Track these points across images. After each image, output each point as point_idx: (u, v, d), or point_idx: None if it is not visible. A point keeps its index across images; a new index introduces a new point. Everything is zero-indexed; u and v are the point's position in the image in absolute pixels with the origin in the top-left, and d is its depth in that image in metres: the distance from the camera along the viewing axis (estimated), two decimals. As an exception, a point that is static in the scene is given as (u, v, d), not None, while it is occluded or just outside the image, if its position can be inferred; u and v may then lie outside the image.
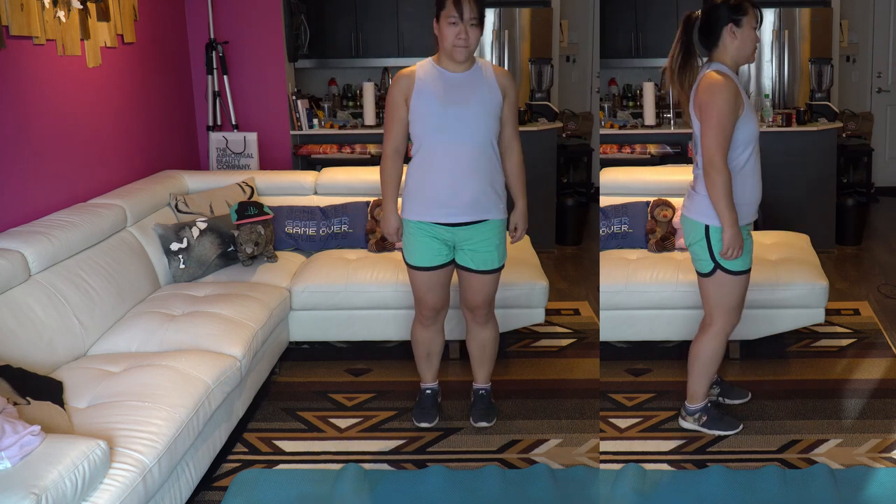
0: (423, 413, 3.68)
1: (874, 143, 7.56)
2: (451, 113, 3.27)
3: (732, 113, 3.16)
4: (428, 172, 3.33)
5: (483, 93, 3.30)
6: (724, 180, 3.16)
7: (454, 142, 3.28)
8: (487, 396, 3.73)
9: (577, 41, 7.85)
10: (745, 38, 3.25)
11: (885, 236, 6.61)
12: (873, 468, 3.23)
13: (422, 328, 3.61)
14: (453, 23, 3.20)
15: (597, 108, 7.51)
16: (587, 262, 6.12)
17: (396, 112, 3.35)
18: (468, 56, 3.27)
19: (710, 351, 3.43)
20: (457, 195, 3.31)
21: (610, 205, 4.63)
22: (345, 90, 7.49)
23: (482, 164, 3.32)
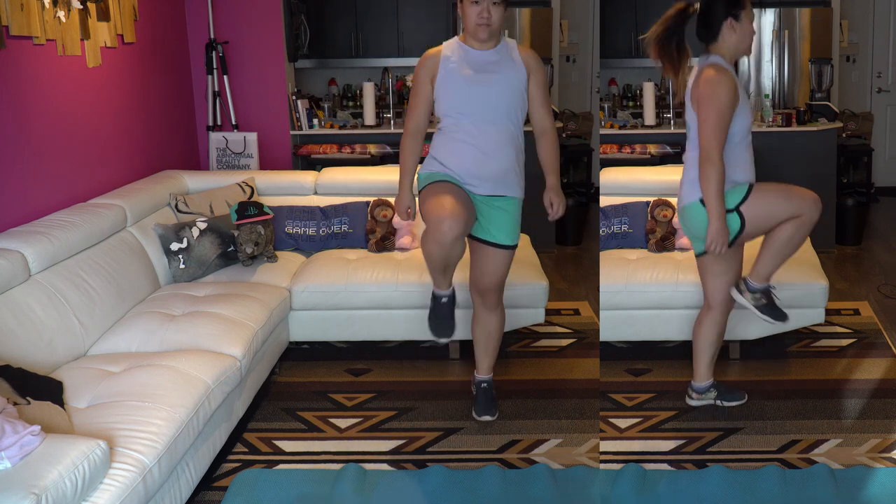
0: (441, 325, 3.52)
1: (874, 143, 7.56)
2: (476, 91, 3.29)
3: (731, 106, 3.25)
4: (452, 148, 3.35)
5: (508, 71, 3.32)
6: (718, 174, 3.23)
7: (479, 119, 3.31)
8: (489, 389, 3.73)
9: (577, 41, 7.85)
10: (744, 32, 3.33)
11: (885, 236, 6.61)
12: (873, 468, 3.23)
13: (437, 246, 3.18)
14: (476, 2, 3.22)
15: (597, 108, 7.51)
16: (587, 262, 6.12)
17: (422, 90, 3.37)
18: (491, 35, 3.29)
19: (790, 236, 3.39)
20: (481, 170, 3.34)
21: (610, 205, 4.63)
22: (345, 90, 7.49)
23: (506, 142, 3.34)
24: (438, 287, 3.48)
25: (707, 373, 3.66)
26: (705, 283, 3.61)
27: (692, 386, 3.72)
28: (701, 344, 3.64)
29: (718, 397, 3.73)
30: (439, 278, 3.42)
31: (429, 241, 3.21)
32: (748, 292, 3.54)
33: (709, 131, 3.23)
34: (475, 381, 3.77)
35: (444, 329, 3.53)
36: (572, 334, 4.67)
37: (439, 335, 3.55)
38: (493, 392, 3.74)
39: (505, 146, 3.35)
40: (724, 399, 3.73)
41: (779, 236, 3.40)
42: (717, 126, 3.23)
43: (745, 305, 3.54)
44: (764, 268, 3.49)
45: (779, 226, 3.40)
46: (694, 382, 3.71)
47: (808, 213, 3.35)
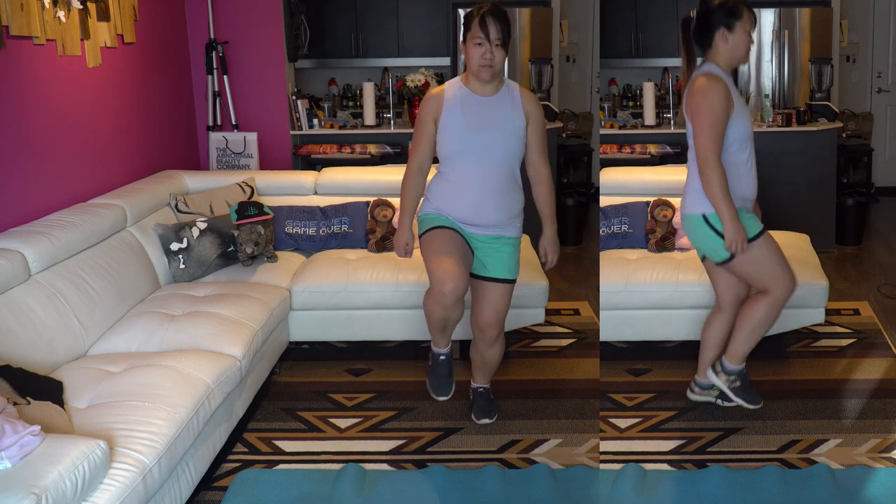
0: (440, 384, 3.60)
1: (874, 143, 7.56)
2: (477, 137, 3.30)
3: (724, 113, 3.24)
4: (452, 190, 3.37)
5: (508, 117, 3.33)
6: (720, 177, 3.23)
7: (479, 164, 3.31)
8: (487, 393, 3.73)
9: (577, 41, 7.85)
10: (738, 42, 3.31)
11: (885, 236, 6.61)
12: (873, 468, 3.23)
13: (439, 307, 3.29)
14: (479, 44, 3.23)
15: (597, 108, 7.51)
16: (587, 262, 6.12)
17: (425, 130, 3.38)
18: (494, 76, 3.30)
19: (764, 316, 3.43)
20: (478, 216, 3.36)
21: (610, 205, 4.63)
22: (345, 90, 7.50)
23: (506, 187, 3.36)
24: (437, 345, 3.58)
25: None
26: (715, 285, 3.63)
27: (695, 380, 3.72)
28: (709, 342, 3.65)
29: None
30: (438, 337, 3.52)
31: (430, 301, 3.31)
32: (723, 373, 3.57)
33: (703, 138, 3.24)
34: (472, 387, 3.77)
35: (443, 388, 3.60)
36: (572, 334, 4.67)
37: (438, 394, 3.61)
38: (490, 396, 3.74)
39: (504, 192, 3.35)
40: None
41: (752, 316, 3.43)
42: (711, 132, 3.23)
43: (720, 387, 3.58)
44: (739, 349, 3.52)
45: (751, 304, 3.44)
46: (697, 377, 3.71)
47: (782, 293, 3.39)
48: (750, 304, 3.47)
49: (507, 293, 3.46)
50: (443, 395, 3.61)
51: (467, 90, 3.35)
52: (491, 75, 3.28)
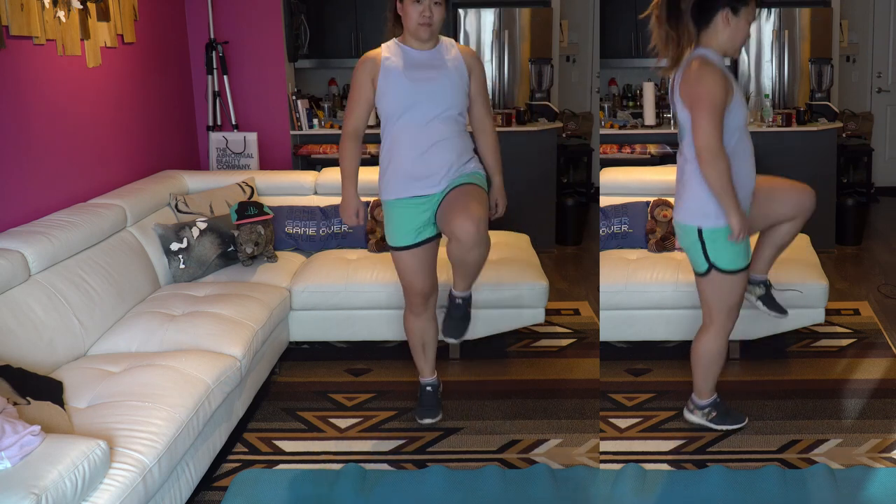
0: (426, 410, 3.68)
1: (874, 143, 7.56)
2: (420, 89, 3.29)
3: (724, 99, 3.09)
4: (399, 150, 3.35)
5: (449, 69, 3.33)
6: (725, 166, 3.07)
7: (424, 117, 3.30)
8: (465, 305, 3.53)
9: (577, 41, 7.85)
10: (738, 28, 3.15)
11: (885, 236, 6.61)
12: (873, 468, 3.23)
13: (413, 317, 3.58)
14: (417, 1, 3.23)
15: (597, 108, 7.51)
16: (587, 262, 6.12)
17: (362, 93, 3.36)
18: (432, 35, 3.30)
19: (712, 350, 3.42)
20: (429, 167, 3.33)
21: (610, 205, 4.63)
22: (345, 90, 7.48)
23: (452, 137, 3.34)
24: (422, 374, 3.74)
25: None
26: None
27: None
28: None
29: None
30: (420, 360, 3.70)
31: (406, 314, 3.59)
32: (697, 410, 3.56)
33: (705, 125, 3.06)
34: (450, 295, 3.55)
35: (429, 413, 3.68)
36: (572, 334, 4.67)
37: (423, 417, 3.67)
38: (468, 309, 3.55)
39: (451, 138, 3.34)
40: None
41: (705, 353, 3.42)
42: (713, 118, 3.05)
43: (701, 423, 3.55)
44: (701, 385, 3.51)
45: (700, 342, 3.42)
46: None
47: (724, 325, 3.38)
48: (697, 343, 3.43)
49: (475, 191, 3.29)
50: (428, 418, 3.67)
51: (405, 47, 3.35)
52: (430, 34, 3.27)
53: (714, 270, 3.28)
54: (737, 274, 3.29)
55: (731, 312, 3.38)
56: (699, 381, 3.51)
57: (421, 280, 3.47)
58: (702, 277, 3.35)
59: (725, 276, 3.28)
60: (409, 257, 3.43)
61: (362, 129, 3.43)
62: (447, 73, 3.32)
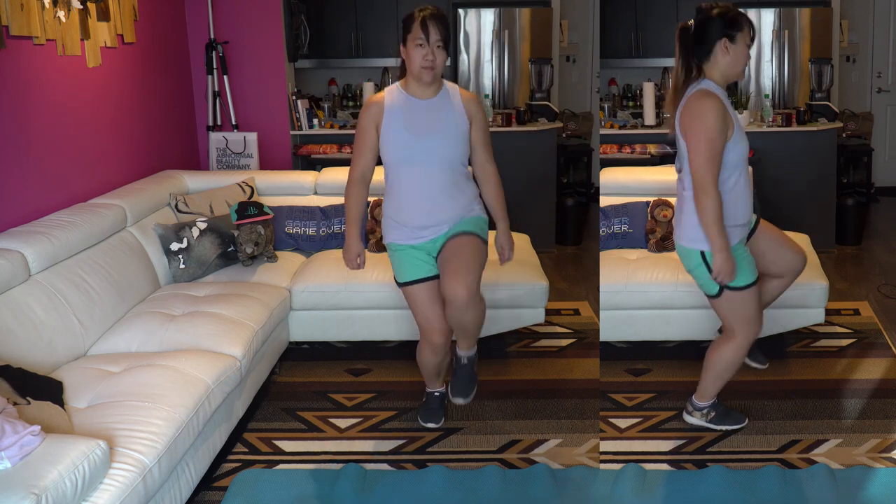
0: (430, 414, 3.67)
1: (874, 143, 7.56)
2: (420, 142, 3.29)
3: (721, 134, 3.08)
4: (403, 201, 3.36)
5: (450, 119, 3.32)
6: (715, 205, 3.08)
7: (424, 169, 3.30)
8: (470, 366, 3.63)
9: (577, 41, 7.85)
10: (738, 55, 3.16)
11: (885, 236, 6.61)
12: (873, 468, 3.23)
13: (432, 355, 3.48)
14: (420, 45, 3.23)
15: (597, 108, 7.51)
16: (587, 262, 6.12)
17: (367, 139, 3.36)
18: (435, 78, 3.29)
19: (730, 360, 3.40)
20: (433, 219, 3.34)
21: (610, 205, 4.63)
22: (345, 90, 7.49)
23: (454, 189, 3.34)
24: (431, 386, 3.72)
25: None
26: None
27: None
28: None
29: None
30: (432, 380, 3.67)
31: (424, 350, 3.48)
32: (696, 412, 3.55)
33: (700, 162, 3.07)
34: (455, 356, 3.65)
35: (434, 418, 3.66)
36: (572, 334, 4.67)
37: (426, 421, 3.65)
38: (473, 369, 3.64)
39: (454, 192, 3.34)
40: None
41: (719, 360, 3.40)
42: (709, 155, 3.06)
43: (700, 424, 3.54)
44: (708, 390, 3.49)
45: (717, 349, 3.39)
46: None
47: (747, 338, 3.35)
48: (716, 348, 3.41)
49: (472, 246, 3.33)
50: (432, 422, 3.65)
51: (407, 95, 3.33)
52: (432, 77, 3.27)
53: (726, 290, 3.26)
54: (749, 288, 3.26)
55: (752, 323, 3.34)
56: (707, 384, 3.49)
57: (438, 313, 3.38)
58: (714, 299, 3.32)
59: (738, 292, 3.26)
60: (423, 291, 3.38)
61: (369, 175, 3.43)
62: (448, 126, 3.31)
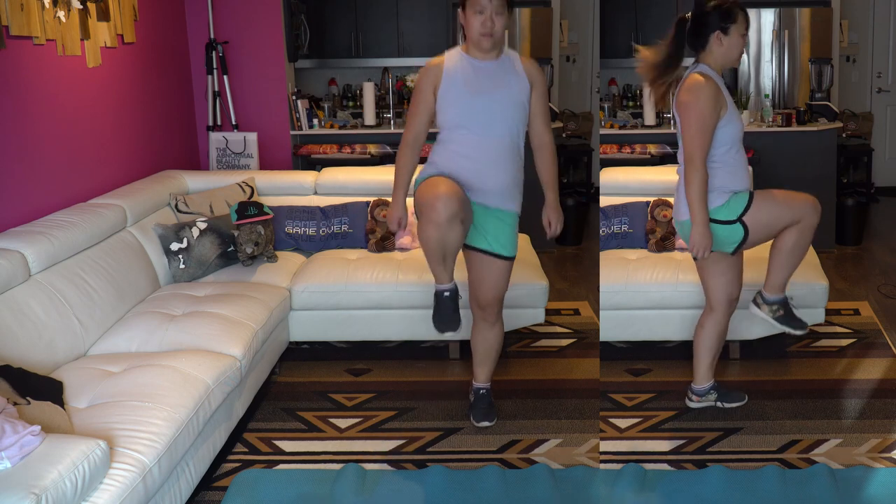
0: (447, 319, 3.34)
1: (874, 143, 7.56)
2: (480, 102, 3.27)
3: (713, 113, 3.26)
4: (453, 159, 3.32)
5: (511, 83, 3.31)
6: (701, 179, 3.26)
7: (482, 131, 3.29)
8: (488, 395, 3.73)
9: (577, 41, 7.85)
10: (732, 45, 3.34)
11: (885, 236, 6.62)
12: (873, 468, 3.23)
13: (434, 227, 3.12)
14: (479, 11, 3.20)
15: (597, 108, 7.51)
16: (587, 262, 6.12)
17: (423, 101, 3.33)
18: (495, 45, 3.27)
19: (796, 241, 3.45)
20: (482, 183, 3.32)
21: (610, 205, 4.63)
22: (345, 90, 7.49)
23: (508, 156, 3.33)
24: (440, 281, 3.32)
25: (708, 375, 3.67)
26: (706, 284, 3.61)
27: (692, 388, 3.72)
28: (702, 346, 3.64)
29: (718, 399, 3.72)
30: (439, 270, 3.27)
31: (424, 223, 3.16)
32: (765, 305, 3.58)
33: (690, 137, 3.26)
34: (473, 388, 3.76)
35: (449, 324, 3.34)
36: (572, 334, 4.67)
37: (443, 330, 3.35)
38: (490, 398, 3.74)
39: (506, 160, 3.33)
40: (724, 400, 3.72)
41: (784, 246, 3.45)
42: (699, 132, 3.24)
43: (765, 318, 3.59)
44: (776, 279, 3.53)
45: (781, 235, 3.44)
46: (694, 385, 3.71)
47: (809, 217, 3.40)
48: (782, 235, 3.46)
49: (506, 270, 3.47)
50: (450, 329, 3.34)
51: (468, 57, 3.32)
52: (492, 44, 3.25)
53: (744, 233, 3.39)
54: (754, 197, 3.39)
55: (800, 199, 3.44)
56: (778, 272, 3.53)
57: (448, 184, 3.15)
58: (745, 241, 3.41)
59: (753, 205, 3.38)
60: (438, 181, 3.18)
61: (423, 139, 3.40)
62: (508, 90, 3.29)
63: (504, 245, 3.43)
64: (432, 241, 3.15)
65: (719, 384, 3.76)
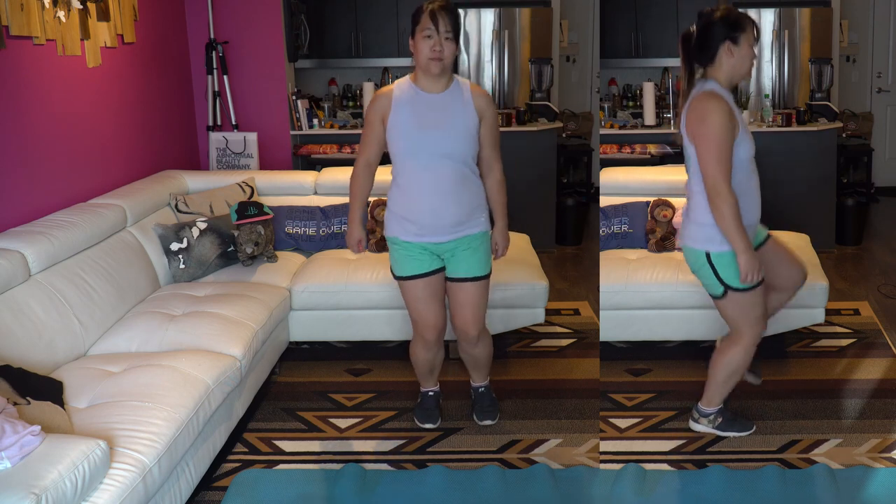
0: (427, 414, 3.68)
1: (874, 143, 7.56)
2: (427, 137, 3.25)
3: (729, 134, 3.05)
4: (408, 196, 3.32)
5: (459, 115, 3.28)
6: (732, 206, 3.05)
7: (431, 165, 3.26)
8: (488, 392, 3.73)
9: (577, 41, 7.85)
10: (743, 56, 3.13)
11: (885, 236, 6.62)
12: (873, 468, 3.23)
13: (425, 351, 3.54)
14: (428, 36, 3.18)
15: (597, 108, 7.51)
16: (587, 262, 6.12)
17: (373, 131, 3.35)
18: (443, 70, 3.24)
19: (737, 363, 3.37)
20: (438, 218, 3.30)
21: (610, 205, 4.63)
22: (345, 90, 7.49)
23: (461, 186, 3.30)
24: (426, 386, 3.73)
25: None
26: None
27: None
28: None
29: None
30: (426, 378, 3.70)
31: (416, 346, 3.56)
32: (703, 418, 3.51)
33: (712, 165, 3.04)
34: (472, 387, 3.76)
35: (430, 418, 3.67)
36: (572, 334, 4.67)
37: (423, 422, 3.66)
38: (492, 395, 3.74)
39: (460, 189, 3.30)
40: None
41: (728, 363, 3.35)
42: (720, 157, 3.03)
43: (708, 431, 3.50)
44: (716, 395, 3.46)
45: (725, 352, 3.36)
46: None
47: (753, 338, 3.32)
48: (722, 353, 3.38)
49: (480, 290, 3.44)
50: (429, 423, 3.65)
51: (416, 88, 3.30)
52: (440, 69, 3.23)
53: (731, 291, 3.23)
54: (754, 290, 3.23)
55: (758, 323, 3.31)
56: (714, 390, 3.45)
57: (432, 312, 3.42)
58: (720, 300, 3.29)
59: (743, 293, 3.23)
60: (418, 288, 3.39)
61: (375, 164, 3.44)
62: (456, 124, 3.27)
63: (474, 267, 3.40)
64: (422, 362, 3.61)
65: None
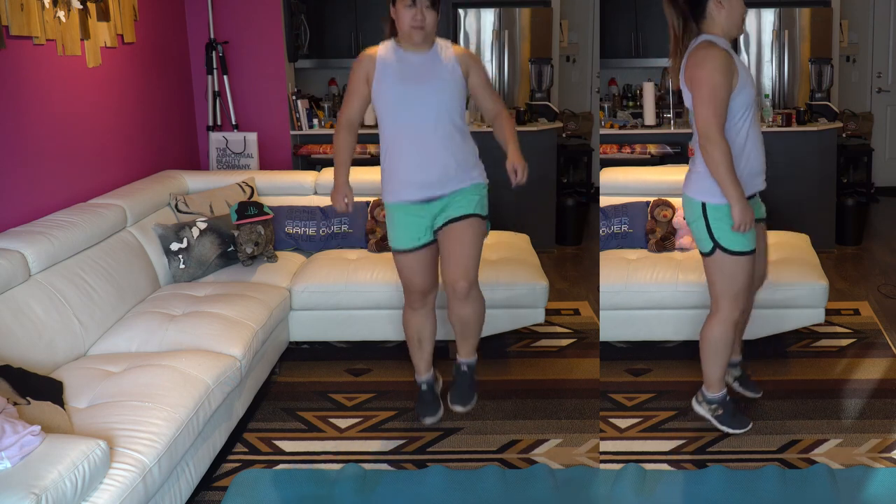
0: (426, 408, 3.67)
1: (874, 143, 7.56)
2: (411, 92, 3.32)
3: (726, 83, 3.05)
4: (396, 154, 3.40)
5: (442, 71, 3.35)
6: (723, 153, 3.05)
7: (416, 121, 3.34)
8: (470, 374, 3.67)
9: (577, 41, 7.85)
10: (733, 8, 3.14)
11: (885, 236, 6.61)
12: (873, 468, 3.23)
13: (411, 312, 3.61)
14: (409, 5, 3.25)
15: (597, 108, 7.51)
16: (587, 262, 6.12)
17: (357, 89, 3.43)
18: (425, 38, 3.32)
19: (717, 337, 3.37)
20: (426, 173, 3.36)
21: (610, 205, 4.63)
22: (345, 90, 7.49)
23: (448, 141, 3.35)
24: (418, 373, 3.73)
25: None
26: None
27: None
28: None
29: (738, 380, 3.60)
30: (417, 358, 3.69)
31: (405, 309, 3.62)
32: (705, 403, 3.51)
33: (704, 111, 3.04)
34: (456, 365, 3.71)
35: (430, 411, 3.66)
36: (572, 334, 4.67)
37: (424, 416, 3.65)
38: (472, 379, 3.68)
39: (447, 144, 3.35)
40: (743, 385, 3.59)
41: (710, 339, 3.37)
42: (713, 104, 3.03)
43: (705, 416, 3.51)
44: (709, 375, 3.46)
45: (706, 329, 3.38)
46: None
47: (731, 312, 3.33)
48: (706, 328, 3.39)
49: (471, 231, 3.40)
50: (429, 416, 3.65)
51: (400, 49, 3.38)
52: (422, 37, 3.30)
53: (719, 251, 3.24)
54: (742, 256, 3.24)
55: (736, 299, 3.31)
56: (706, 370, 3.46)
57: (420, 279, 3.53)
58: (708, 258, 3.31)
59: (730, 257, 3.23)
60: (410, 259, 3.49)
61: (357, 121, 3.49)
62: (440, 77, 3.34)
63: (465, 207, 3.38)
64: (410, 327, 3.64)
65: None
